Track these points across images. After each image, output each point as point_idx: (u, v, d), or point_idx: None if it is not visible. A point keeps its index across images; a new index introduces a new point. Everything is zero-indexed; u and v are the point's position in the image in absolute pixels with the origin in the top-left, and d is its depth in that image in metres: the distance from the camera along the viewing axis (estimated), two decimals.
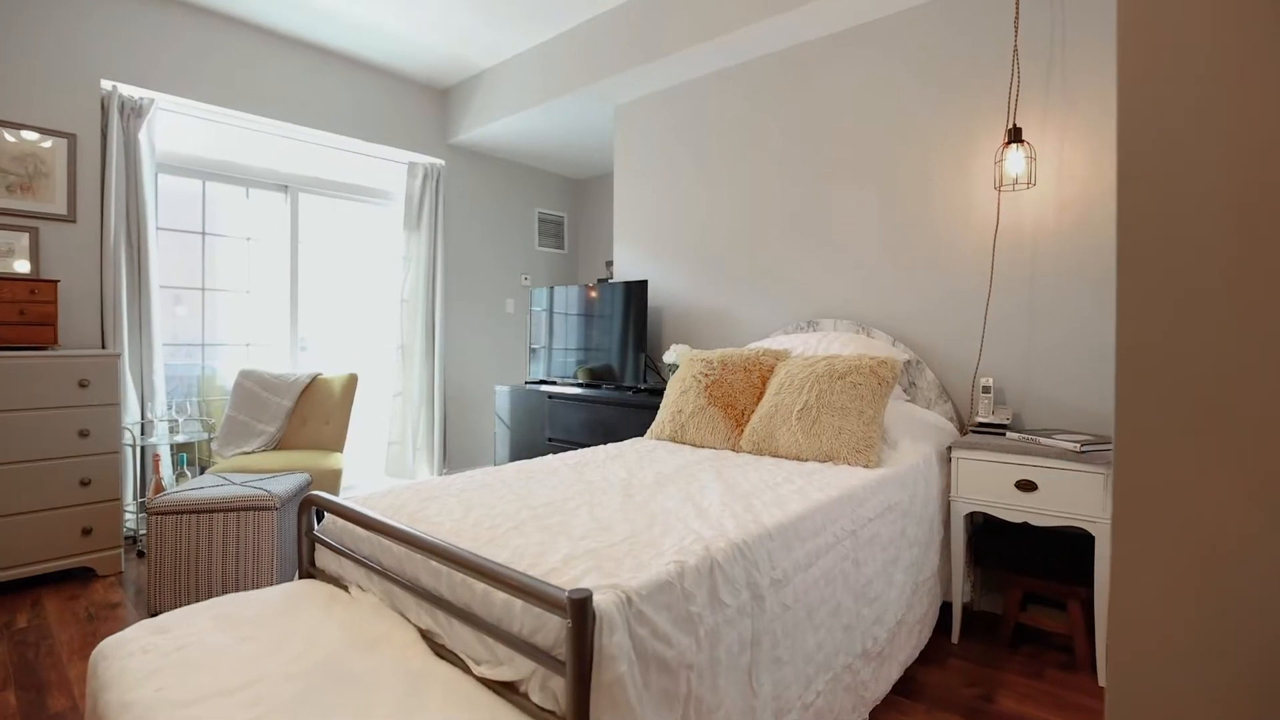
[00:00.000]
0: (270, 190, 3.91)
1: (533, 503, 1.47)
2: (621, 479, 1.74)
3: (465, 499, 1.52)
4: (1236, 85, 0.67)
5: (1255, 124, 0.66)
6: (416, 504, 1.49)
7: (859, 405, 2.06)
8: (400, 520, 1.39)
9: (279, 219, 3.95)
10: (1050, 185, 2.27)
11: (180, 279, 3.59)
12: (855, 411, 2.05)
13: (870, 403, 2.06)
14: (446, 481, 1.72)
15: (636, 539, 1.20)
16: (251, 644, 1.12)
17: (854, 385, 2.10)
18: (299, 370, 3.69)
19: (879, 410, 2.06)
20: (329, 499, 1.47)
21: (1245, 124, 0.66)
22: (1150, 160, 0.71)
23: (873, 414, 2.05)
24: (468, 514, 1.38)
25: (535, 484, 1.67)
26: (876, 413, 2.05)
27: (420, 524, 1.35)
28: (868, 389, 2.09)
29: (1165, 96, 0.70)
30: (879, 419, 2.05)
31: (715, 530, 1.27)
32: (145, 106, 3.21)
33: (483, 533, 1.25)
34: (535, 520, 1.31)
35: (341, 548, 1.46)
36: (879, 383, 2.10)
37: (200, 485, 2.54)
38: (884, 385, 2.10)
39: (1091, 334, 2.21)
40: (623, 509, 1.41)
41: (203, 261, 3.67)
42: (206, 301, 3.69)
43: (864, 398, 2.07)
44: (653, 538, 1.21)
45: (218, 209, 3.71)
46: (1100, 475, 1.88)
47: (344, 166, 4.21)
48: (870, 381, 2.10)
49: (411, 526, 1.21)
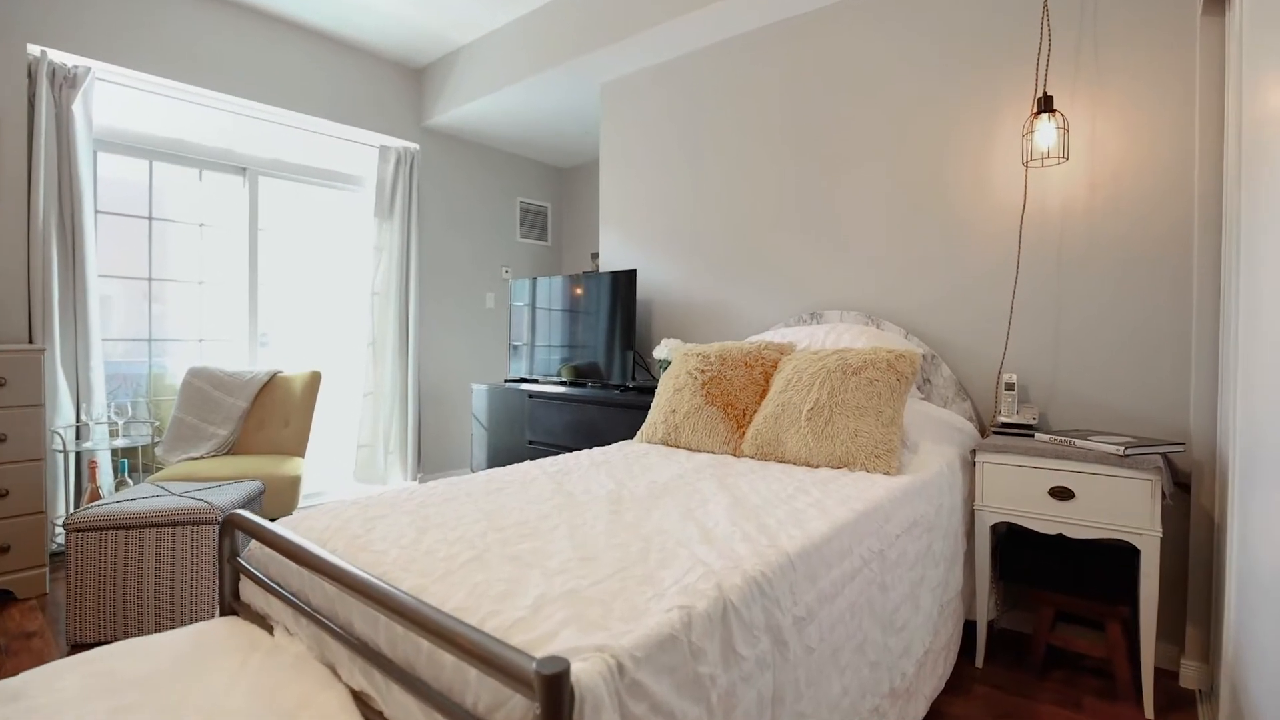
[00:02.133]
0: (226, 173, 3.60)
1: (502, 522, 1.21)
2: (609, 491, 1.49)
3: (421, 517, 1.26)
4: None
5: None
6: (361, 524, 1.23)
7: (876, 404, 1.83)
8: (338, 546, 1.13)
9: (236, 204, 3.65)
10: (1081, 160, 2.06)
11: (125, 268, 3.28)
12: (872, 411, 1.82)
13: (888, 401, 1.84)
14: (402, 495, 1.46)
15: (628, 573, 0.95)
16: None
17: (870, 382, 1.87)
18: (258, 368, 3.40)
19: (898, 410, 1.83)
20: (247, 518, 1.21)
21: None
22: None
23: (892, 414, 1.82)
24: (421, 538, 1.12)
25: (507, 498, 1.42)
26: (896, 412, 1.83)
27: (361, 552, 1.09)
28: (885, 386, 1.86)
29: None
30: (899, 419, 1.82)
31: (727, 559, 1.02)
32: (80, 76, 2.89)
33: (436, 564, 0.99)
34: (503, 546, 1.06)
35: (266, 579, 1.20)
36: (897, 378, 1.87)
37: (132, 496, 2.25)
38: (903, 381, 1.87)
39: (1127, 325, 2.00)
40: (611, 531, 1.16)
41: (149, 249, 3.36)
42: (154, 293, 3.37)
43: (881, 395, 1.84)
44: (649, 571, 0.97)
45: (167, 192, 3.40)
46: (1147, 481, 1.66)
47: (309, 149, 3.90)
48: (888, 377, 1.87)
49: (343, 559, 0.96)
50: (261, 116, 3.64)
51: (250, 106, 3.52)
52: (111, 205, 3.20)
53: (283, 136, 3.78)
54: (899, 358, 1.90)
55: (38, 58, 2.79)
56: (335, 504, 1.39)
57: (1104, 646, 1.84)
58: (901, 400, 1.85)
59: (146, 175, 3.32)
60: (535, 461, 1.89)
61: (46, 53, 2.81)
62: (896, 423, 1.81)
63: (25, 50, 2.77)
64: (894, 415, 1.82)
